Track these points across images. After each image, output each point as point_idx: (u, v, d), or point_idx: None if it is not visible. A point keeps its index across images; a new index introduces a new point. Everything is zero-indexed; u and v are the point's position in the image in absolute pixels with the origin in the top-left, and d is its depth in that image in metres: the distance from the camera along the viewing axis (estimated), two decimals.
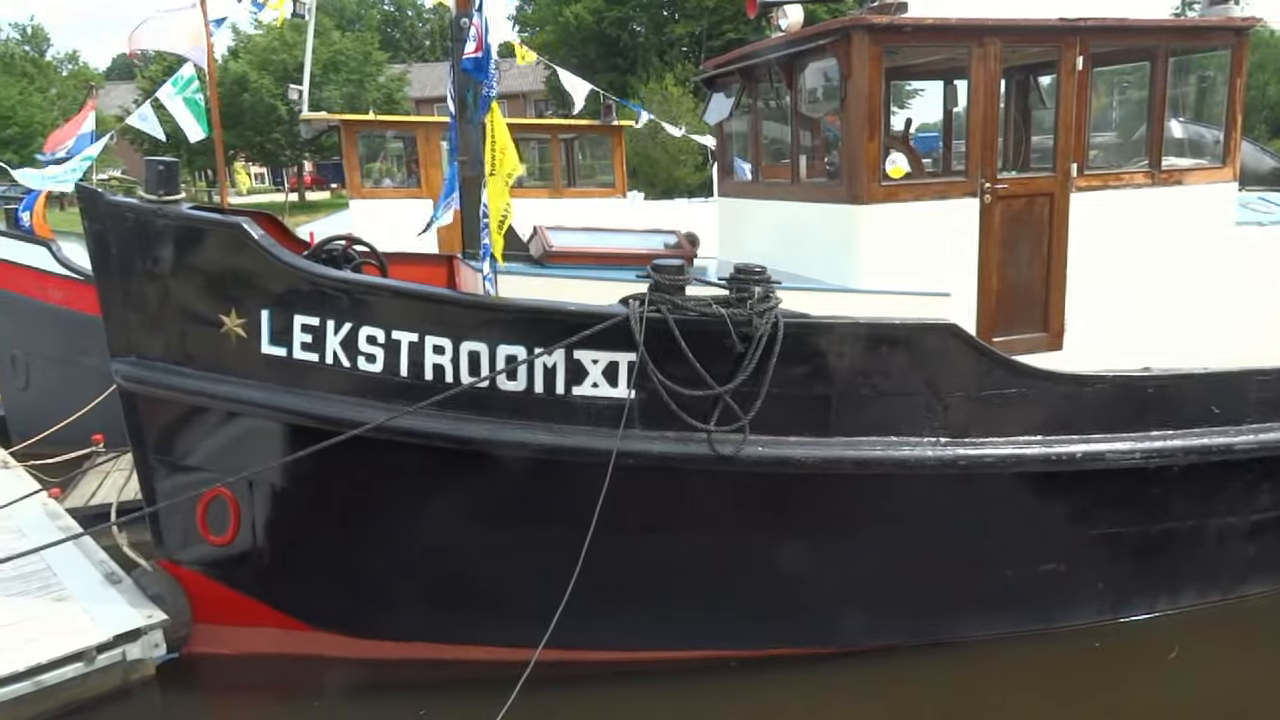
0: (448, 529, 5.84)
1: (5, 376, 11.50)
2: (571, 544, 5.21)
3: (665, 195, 27.93)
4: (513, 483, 5.56)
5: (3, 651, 5.65)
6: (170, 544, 6.41)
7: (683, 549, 5.82)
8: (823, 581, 6.05)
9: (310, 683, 6.19)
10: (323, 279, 5.48)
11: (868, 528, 5.96)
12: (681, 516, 5.77)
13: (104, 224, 5.82)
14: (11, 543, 7.19)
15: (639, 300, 5.23)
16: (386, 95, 47.52)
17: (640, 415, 5.36)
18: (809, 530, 5.89)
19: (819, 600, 6.12)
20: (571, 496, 5.39)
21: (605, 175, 14.90)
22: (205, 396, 5.79)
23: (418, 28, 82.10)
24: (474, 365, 5.32)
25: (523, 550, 5.67)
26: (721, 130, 8.62)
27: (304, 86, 12.00)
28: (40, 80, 53.76)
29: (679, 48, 42.61)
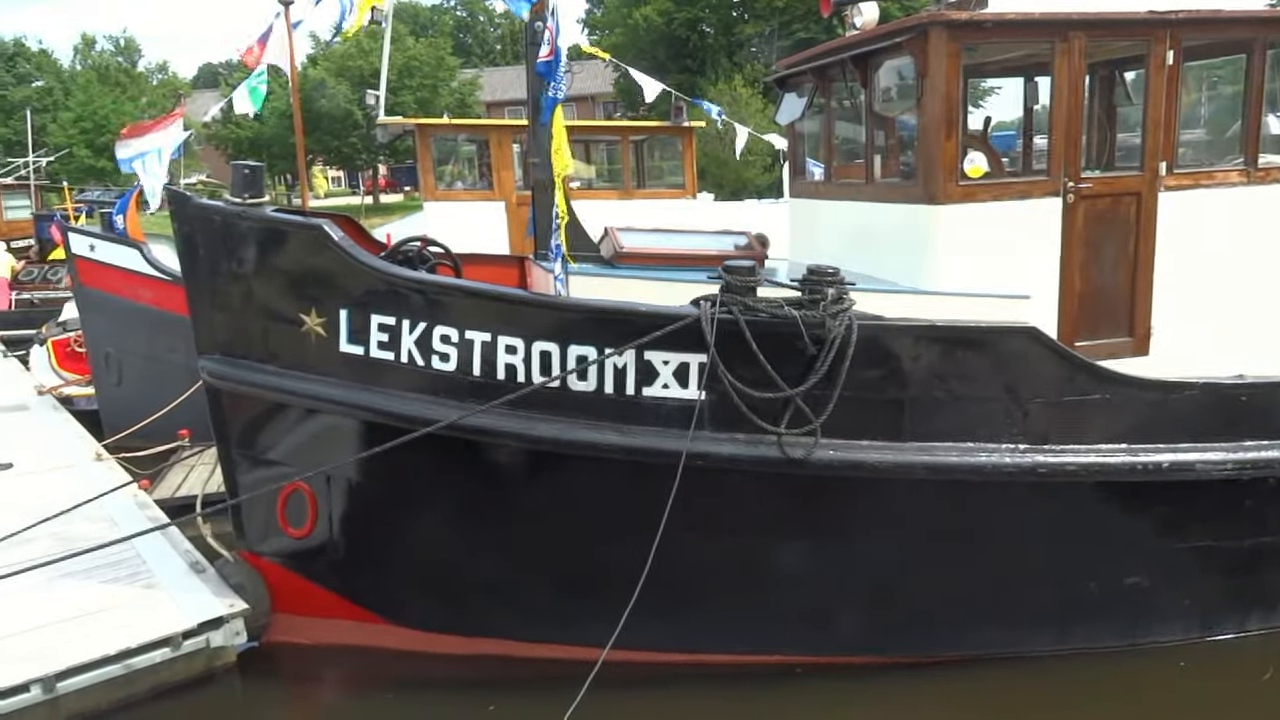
0: (516, 527, 5.89)
1: (99, 373, 12.00)
2: (639, 545, 5.22)
3: (734, 196, 27.80)
4: (581, 482, 5.58)
5: (96, 635, 5.90)
6: (251, 535, 6.61)
7: (751, 552, 5.77)
8: (893, 589, 5.95)
9: (383, 675, 6.32)
10: (399, 279, 5.58)
11: (941, 535, 5.82)
12: (750, 519, 5.73)
13: (192, 226, 6.04)
14: (104, 531, 7.50)
15: (710, 301, 5.21)
16: (459, 99, 48.32)
17: (710, 417, 5.33)
18: (880, 536, 5.78)
19: (889, 608, 6.02)
20: (640, 497, 5.40)
21: (674, 176, 14.89)
22: (285, 393, 5.95)
23: (489, 33, 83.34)
24: (545, 365, 5.36)
25: (591, 550, 5.69)
26: (793, 130, 8.54)
27: (381, 92, 12.25)
28: (132, 90, 56.03)
29: (748, 48, 42.39)
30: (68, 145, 44.40)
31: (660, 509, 5.17)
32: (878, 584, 5.91)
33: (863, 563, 5.82)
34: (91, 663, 5.66)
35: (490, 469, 5.72)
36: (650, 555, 5.11)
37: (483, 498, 5.89)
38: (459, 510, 5.97)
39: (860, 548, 5.78)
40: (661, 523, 5.12)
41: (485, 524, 5.96)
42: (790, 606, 5.97)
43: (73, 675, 5.58)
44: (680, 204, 13.49)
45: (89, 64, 57.24)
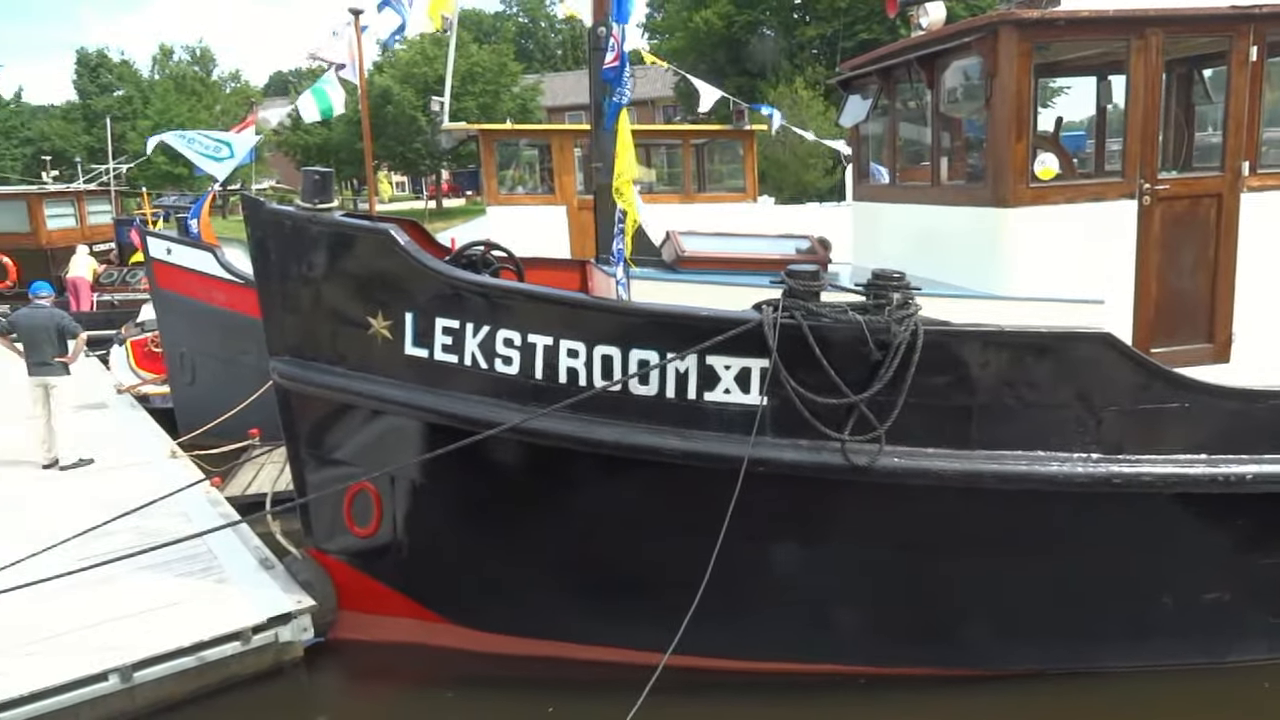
0: (576, 530, 5.92)
1: (174, 372, 12.38)
2: (700, 550, 5.19)
3: (794, 200, 27.58)
4: (642, 487, 5.58)
5: (170, 627, 6.09)
6: (318, 533, 6.76)
7: (812, 560, 5.71)
8: (959, 600, 5.83)
9: (445, 674, 6.40)
10: (463, 283, 5.65)
11: (1009, 546, 5.68)
12: (811, 526, 5.66)
13: (264, 230, 6.19)
14: (179, 526, 7.73)
15: (773, 306, 5.17)
16: (521, 105, 48.80)
17: (772, 422, 5.28)
18: (945, 546, 5.66)
19: (955, 619, 5.90)
20: (700, 502, 5.37)
21: (734, 180, 14.84)
22: (352, 394, 6.07)
23: (550, 39, 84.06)
24: (607, 369, 5.37)
25: (651, 554, 5.68)
26: (857, 133, 8.43)
27: (445, 98, 12.44)
28: (207, 98, 57.83)
29: (809, 50, 42.01)
30: (145, 152, 46.02)
31: (720, 515, 5.14)
32: (940, 595, 5.79)
33: (926, 572, 5.71)
34: (166, 654, 5.85)
35: (550, 472, 5.74)
36: (711, 561, 5.08)
37: (543, 500, 5.93)
38: (519, 512, 6.01)
39: (923, 557, 5.67)
40: (723, 529, 5.08)
41: (545, 526, 6.00)
42: (850, 616, 5.89)
43: (149, 666, 5.77)
44: (741, 207, 13.43)
45: (166, 73, 59.24)
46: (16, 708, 5.35)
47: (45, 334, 9.62)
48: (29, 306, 9.96)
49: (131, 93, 54.61)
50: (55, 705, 5.49)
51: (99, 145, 39.78)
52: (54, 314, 9.90)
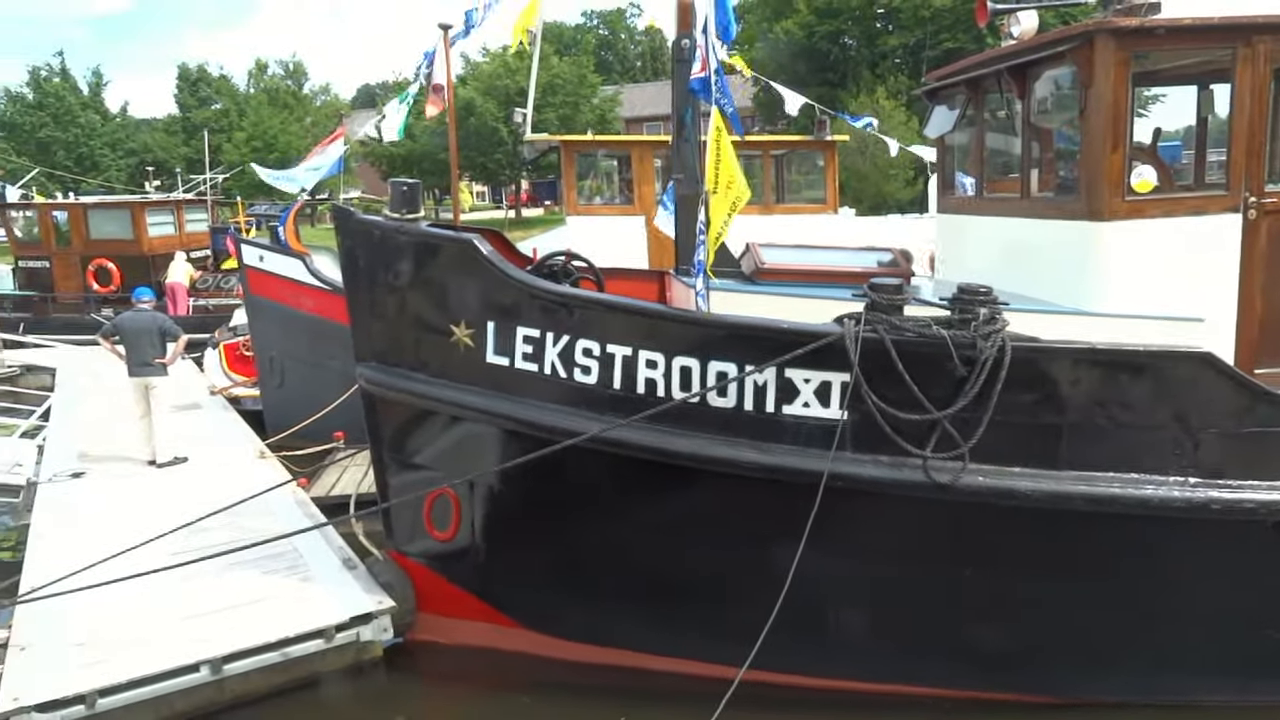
0: (653, 541, 5.91)
1: (264, 376, 12.82)
2: (776, 565, 5.14)
3: (874, 211, 27.20)
4: (719, 500, 5.55)
5: (258, 623, 6.29)
6: (399, 536, 6.90)
7: (891, 578, 5.60)
8: (1042, 625, 5.64)
9: (520, 679, 6.46)
10: (544, 293, 5.72)
11: (1099, 571, 5.48)
12: (891, 544, 5.55)
13: (354, 239, 6.37)
14: (266, 524, 7.98)
15: (854, 319, 5.10)
16: (600, 116, 49.26)
17: (851, 437, 5.21)
18: (1031, 569, 5.48)
19: (1037, 644, 5.71)
20: (778, 517, 5.32)
21: (813, 191, 14.70)
22: (435, 400, 6.19)
23: (630, 50, 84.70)
24: (685, 381, 5.37)
25: (728, 568, 5.65)
26: (943, 143, 8.27)
27: (528, 110, 12.62)
28: (298, 110, 59.92)
29: (892, 60, 41.44)
30: (241, 163, 47.86)
31: (797, 529, 5.09)
32: (1023, 618, 5.61)
33: (1011, 595, 5.54)
34: (254, 649, 6.05)
35: (627, 482, 5.75)
36: (789, 577, 5.02)
37: (618, 509, 5.95)
38: (594, 520, 6.04)
39: (1008, 579, 5.50)
40: (800, 544, 5.02)
41: (619, 536, 6.01)
42: (932, 637, 5.75)
43: (237, 659, 5.97)
44: (821, 219, 13.29)
45: (261, 87, 61.57)
46: (116, 694, 5.60)
47: (147, 336, 10.07)
48: (132, 310, 10.45)
49: (228, 106, 56.90)
50: (150, 693, 5.73)
51: (197, 156, 41.52)
52: (155, 317, 10.37)
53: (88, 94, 55.93)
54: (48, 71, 54.60)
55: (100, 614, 6.39)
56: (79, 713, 5.49)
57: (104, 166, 51.94)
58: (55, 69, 55.04)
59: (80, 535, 7.99)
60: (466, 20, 11.66)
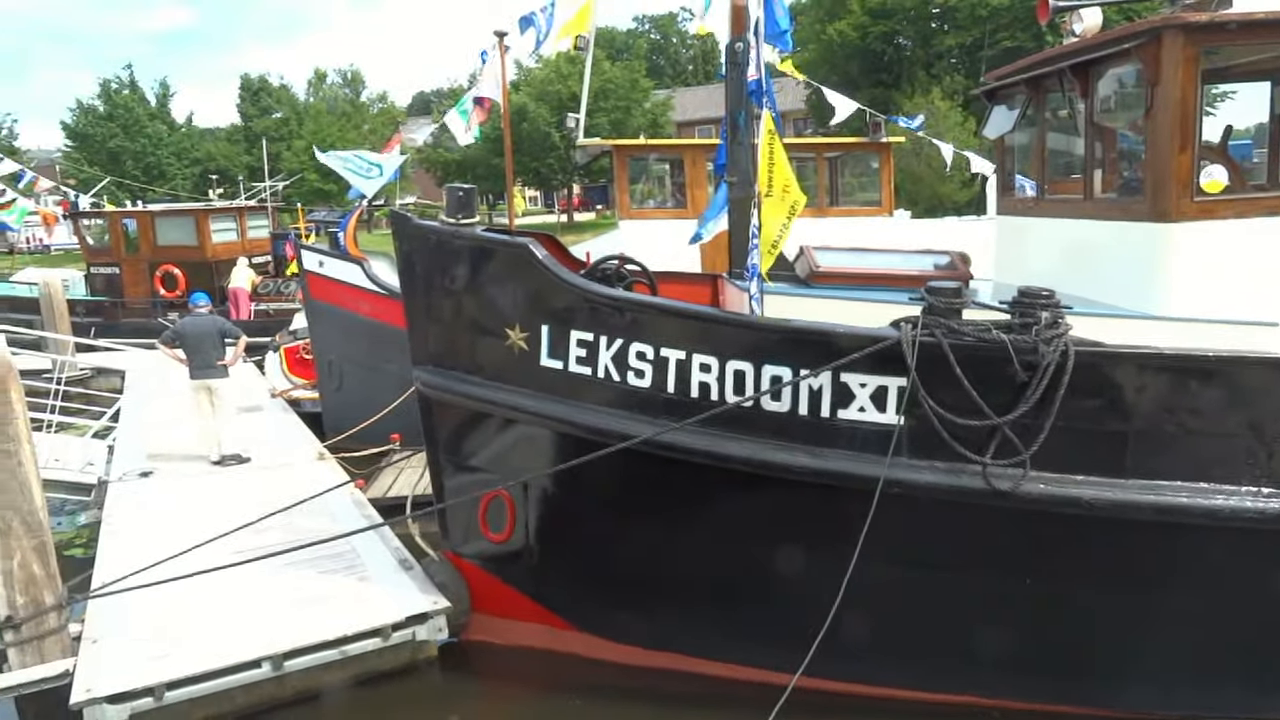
0: (705, 545, 5.90)
1: (323, 379, 13.06)
2: (829, 571, 5.09)
3: (929, 213, 26.80)
4: (772, 504, 5.52)
5: (317, 621, 6.41)
6: (454, 537, 6.99)
7: (947, 586, 5.50)
8: (1104, 636, 5.49)
9: (572, 680, 6.48)
10: (598, 297, 5.74)
11: (1165, 583, 5.32)
12: (947, 551, 5.46)
13: (411, 244, 6.47)
14: (325, 524, 8.13)
15: (912, 323, 5.04)
16: (651, 120, 49.34)
17: (908, 443, 5.14)
18: (1094, 580, 5.36)
19: (1097, 656, 5.56)
20: (831, 522, 5.28)
21: (867, 193, 14.53)
22: (489, 403, 6.25)
23: (681, 54, 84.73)
24: (739, 384, 5.35)
25: (780, 573, 5.61)
26: (1002, 144, 8.12)
27: (581, 115, 12.68)
28: (355, 118, 61.01)
29: (947, 60, 40.82)
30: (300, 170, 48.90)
31: (851, 536, 5.04)
32: (1084, 630, 5.48)
33: (1070, 606, 5.41)
34: (314, 646, 6.16)
35: (679, 485, 5.74)
36: (843, 584, 4.97)
37: (670, 513, 5.94)
38: (646, 524, 6.04)
39: (1068, 590, 5.38)
40: (855, 551, 4.97)
41: (672, 540, 6.01)
42: (985, 646, 5.63)
43: (298, 656, 6.10)
44: (876, 222, 13.13)
45: (320, 96, 62.85)
46: (182, 687, 5.75)
47: (209, 340, 10.35)
48: (191, 315, 10.73)
49: (288, 115, 58.17)
50: (214, 687, 5.87)
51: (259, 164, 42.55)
52: (215, 320, 10.69)
53: (155, 105, 57.62)
54: (118, 84, 56.39)
55: (167, 609, 6.58)
56: (147, 705, 5.66)
57: (170, 175, 53.42)
58: (125, 81, 56.82)
59: (148, 533, 8.23)
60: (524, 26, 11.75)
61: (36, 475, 5.88)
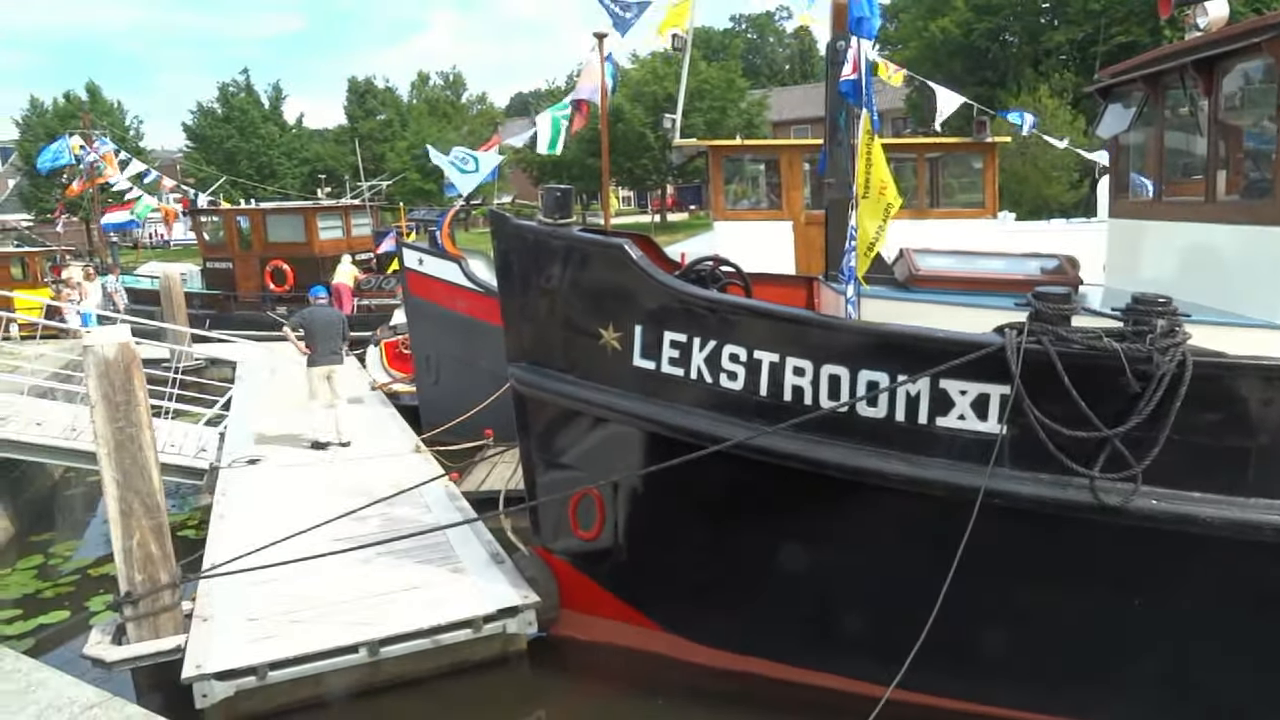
0: (794, 551, 5.82)
1: (420, 373, 13.40)
2: (926, 582, 4.96)
3: (1034, 215, 25.87)
4: (866, 512, 5.41)
5: (411, 610, 6.57)
6: (545, 533, 7.07)
7: (1050, 603, 5.29)
8: (1222, 664, 5.19)
9: (658, 679, 6.49)
10: (692, 298, 5.72)
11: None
12: (1049, 566, 5.25)
13: (508, 244, 6.58)
14: (420, 515, 8.37)
15: (1016, 330, 4.86)
16: (747, 120, 49.02)
17: (1010, 453, 4.96)
18: (1209, 602, 5.07)
19: (1220, 684, 5.26)
20: (927, 532, 5.14)
21: (968, 194, 14.11)
22: (582, 402, 6.30)
23: (778, 53, 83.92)
24: (833, 389, 5.26)
25: (873, 581, 5.50)
26: (1117, 144, 7.77)
27: (677, 115, 12.67)
28: (456, 119, 62.48)
29: (1056, 56, 39.32)
30: (402, 170, 50.35)
31: (948, 547, 4.89)
32: (1200, 655, 5.19)
33: (1185, 630, 5.13)
34: (408, 634, 6.32)
35: (769, 489, 5.68)
36: (940, 596, 4.83)
37: (760, 517, 5.88)
38: (735, 527, 6.00)
39: (1180, 611, 5.10)
40: (954, 562, 4.83)
41: (761, 544, 5.95)
42: (1090, 667, 5.40)
43: (393, 643, 6.26)
44: (978, 224, 12.73)
45: (422, 98, 64.58)
46: (284, 668, 5.98)
47: (333, 328, 11.14)
48: (312, 307, 11.34)
49: (392, 116, 59.93)
50: (313, 669, 6.08)
51: (365, 165, 43.99)
52: (334, 312, 11.59)
53: (268, 107, 60.14)
54: (235, 88, 59.07)
55: (271, 592, 6.85)
56: (251, 683, 5.90)
57: (280, 175, 55.69)
58: (241, 85, 59.48)
59: (255, 518, 8.59)
60: (616, 23, 11.78)
61: (155, 460, 6.19)
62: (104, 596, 8.30)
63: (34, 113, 56.21)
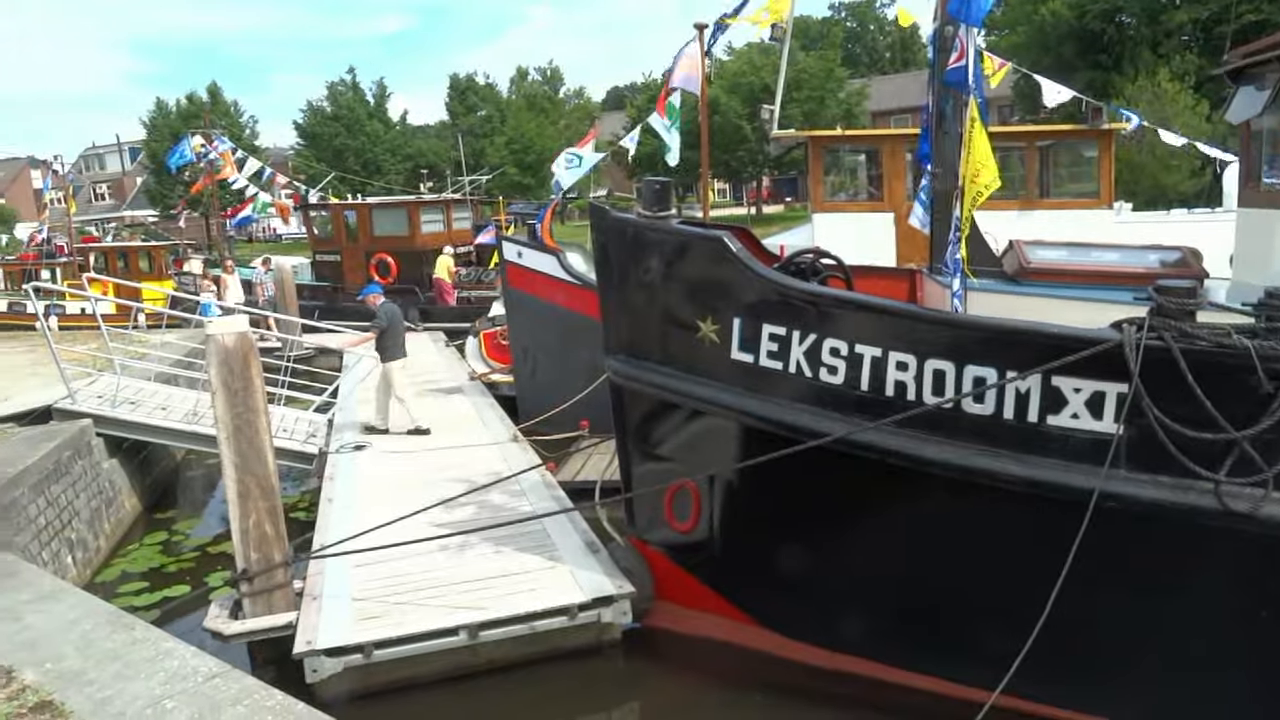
0: (898, 549, 5.70)
1: (518, 364, 13.64)
2: (1034, 586, 4.79)
3: (1150, 205, 24.66)
4: (971, 511, 5.25)
5: (508, 596, 6.70)
6: (640, 524, 7.11)
7: (1165, 610, 5.04)
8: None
9: (753, 675, 6.45)
10: (792, 291, 5.65)
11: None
12: (1167, 573, 5.00)
13: (607, 236, 6.61)
14: (518, 504, 8.52)
15: (1136, 325, 4.64)
16: (846, 110, 48.17)
17: (1127, 454, 4.74)
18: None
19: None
20: (1037, 534, 4.96)
21: (1079, 184, 13.53)
22: (679, 394, 6.30)
23: (879, 41, 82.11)
24: (938, 385, 5.12)
25: (980, 584, 5.33)
26: (1248, 129, 7.32)
27: (776, 106, 12.53)
28: (553, 114, 63.34)
29: (1178, 37, 37.31)
30: (501, 165, 51.30)
31: (1059, 550, 4.71)
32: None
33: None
34: (505, 619, 6.44)
35: (870, 486, 5.57)
36: (1049, 601, 4.66)
37: (859, 514, 5.78)
38: (833, 523, 5.91)
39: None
40: (1065, 566, 4.64)
41: (860, 542, 5.85)
42: (1212, 681, 5.12)
43: (491, 628, 6.39)
44: (1090, 215, 12.20)
45: (521, 94, 65.67)
46: (389, 647, 6.18)
47: (402, 323, 11.56)
48: (386, 303, 11.68)
49: (491, 112, 61.11)
50: (416, 650, 6.26)
51: (470, 160, 44.97)
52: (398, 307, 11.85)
53: (373, 105, 62.10)
54: (342, 87, 61.18)
55: (375, 574, 7.09)
56: (358, 660, 6.11)
57: (385, 170, 57.47)
58: (348, 84, 61.58)
59: (361, 501, 8.90)
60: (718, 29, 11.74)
61: (270, 444, 6.46)
62: (221, 573, 8.73)
63: (159, 114, 59.45)
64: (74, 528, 9.02)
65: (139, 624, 5.17)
